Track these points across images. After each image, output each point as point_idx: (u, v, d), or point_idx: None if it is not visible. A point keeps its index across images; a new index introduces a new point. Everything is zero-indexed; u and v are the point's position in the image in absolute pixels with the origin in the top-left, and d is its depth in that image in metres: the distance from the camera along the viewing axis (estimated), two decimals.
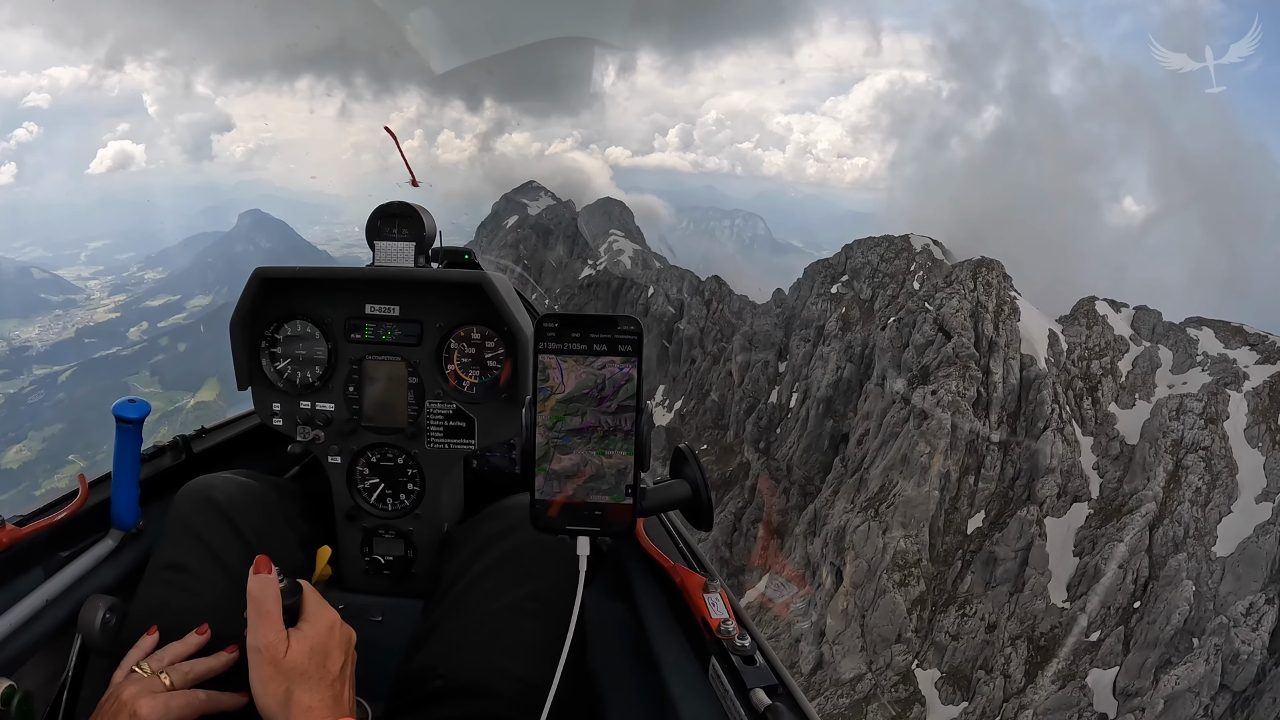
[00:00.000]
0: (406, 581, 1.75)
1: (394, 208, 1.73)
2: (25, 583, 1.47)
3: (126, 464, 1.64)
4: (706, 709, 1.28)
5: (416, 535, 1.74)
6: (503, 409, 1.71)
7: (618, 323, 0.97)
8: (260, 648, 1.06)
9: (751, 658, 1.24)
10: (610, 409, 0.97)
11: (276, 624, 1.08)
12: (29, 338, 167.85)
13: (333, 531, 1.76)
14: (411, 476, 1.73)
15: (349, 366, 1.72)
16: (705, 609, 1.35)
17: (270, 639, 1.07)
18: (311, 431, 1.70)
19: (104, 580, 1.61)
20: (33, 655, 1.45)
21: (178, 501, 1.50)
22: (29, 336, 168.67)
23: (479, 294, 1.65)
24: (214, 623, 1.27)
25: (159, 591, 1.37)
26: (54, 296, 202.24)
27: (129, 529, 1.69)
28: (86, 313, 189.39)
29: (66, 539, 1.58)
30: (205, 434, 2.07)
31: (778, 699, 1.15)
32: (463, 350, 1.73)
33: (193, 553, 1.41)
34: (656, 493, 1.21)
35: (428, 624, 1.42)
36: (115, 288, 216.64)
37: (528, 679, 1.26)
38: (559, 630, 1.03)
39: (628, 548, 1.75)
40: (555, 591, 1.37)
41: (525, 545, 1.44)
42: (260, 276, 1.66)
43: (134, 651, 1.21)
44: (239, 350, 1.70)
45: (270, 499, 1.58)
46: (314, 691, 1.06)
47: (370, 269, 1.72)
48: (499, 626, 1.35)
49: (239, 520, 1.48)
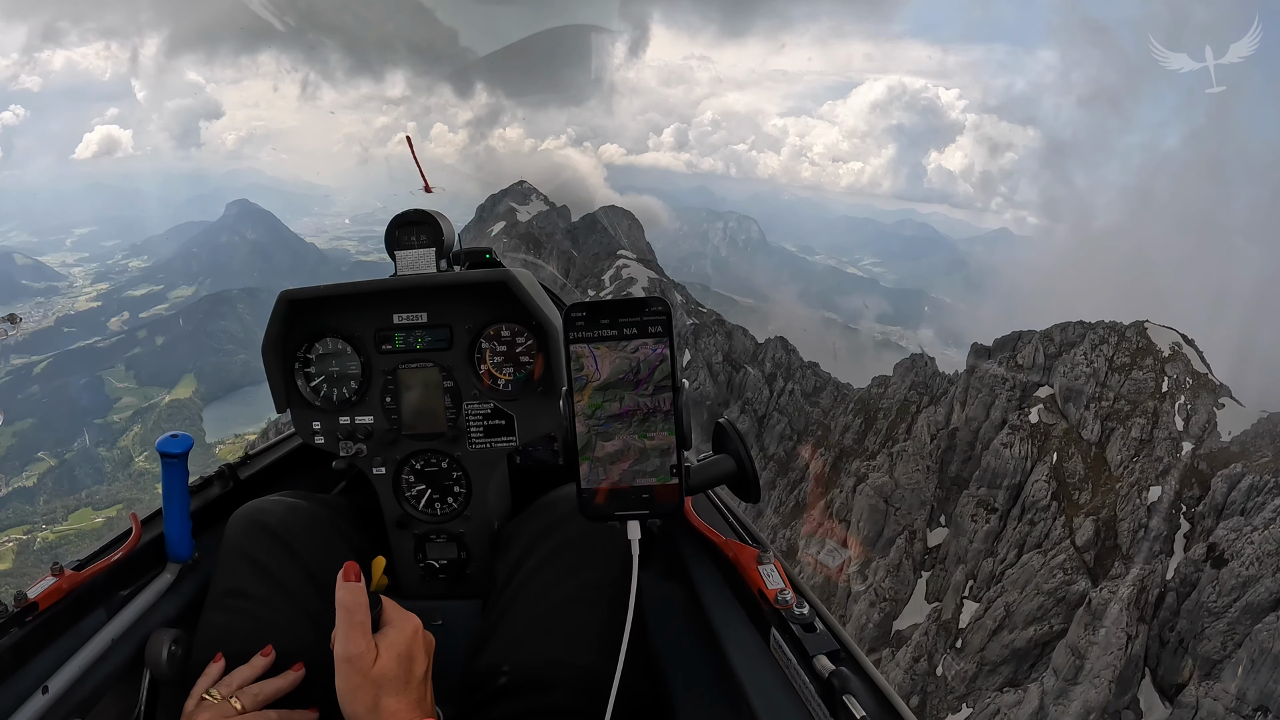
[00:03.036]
0: (462, 583, 1.79)
1: (411, 216, 1.74)
2: (90, 624, 1.49)
3: (176, 497, 1.65)
4: (771, 680, 1.27)
5: (468, 537, 1.77)
6: (540, 403, 1.72)
7: (646, 304, 0.97)
8: (351, 657, 1.06)
9: (811, 625, 1.24)
10: (648, 391, 0.97)
11: (367, 633, 1.08)
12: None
13: (385, 541, 1.79)
14: (457, 479, 1.76)
15: (384, 377, 1.75)
16: (761, 580, 1.35)
17: (361, 648, 1.06)
18: (354, 446, 1.72)
19: (166, 614, 1.63)
20: (104, 695, 1.47)
21: (230, 529, 1.54)
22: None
23: (504, 292, 1.67)
24: (277, 643, 1.33)
25: (221, 619, 1.41)
26: (36, 283, 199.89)
27: (185, 561, 1.70)
28: (68, 301, 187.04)
29: (125, 578, 1.60)
30: (250, 460, 2.08)
31: (841, 664, 1.14)
32: (494, 349, 1.74)
33: (250, 577, 1.45)
34: (701, 470, 1.22)
35: (488, 623, 1.44)
36: (99, 275, 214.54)
37: (592, 668, 1.28)
38: (618, 616, 1.04)
39: (678, 528, 1.75)
40: (610, 578, 1.39)
41: (576, 536, 1.46)
42: (287, 299, 1.69)
43: (202, 680, 1.27)
44: (274, 374, 1.73)
45: (321, 516, 1.62)
46: (400, 696, 1.08)
47: (394, 279, 1.73)
48: (559, 618, 1.37)
49: (292, 541, 1.51)
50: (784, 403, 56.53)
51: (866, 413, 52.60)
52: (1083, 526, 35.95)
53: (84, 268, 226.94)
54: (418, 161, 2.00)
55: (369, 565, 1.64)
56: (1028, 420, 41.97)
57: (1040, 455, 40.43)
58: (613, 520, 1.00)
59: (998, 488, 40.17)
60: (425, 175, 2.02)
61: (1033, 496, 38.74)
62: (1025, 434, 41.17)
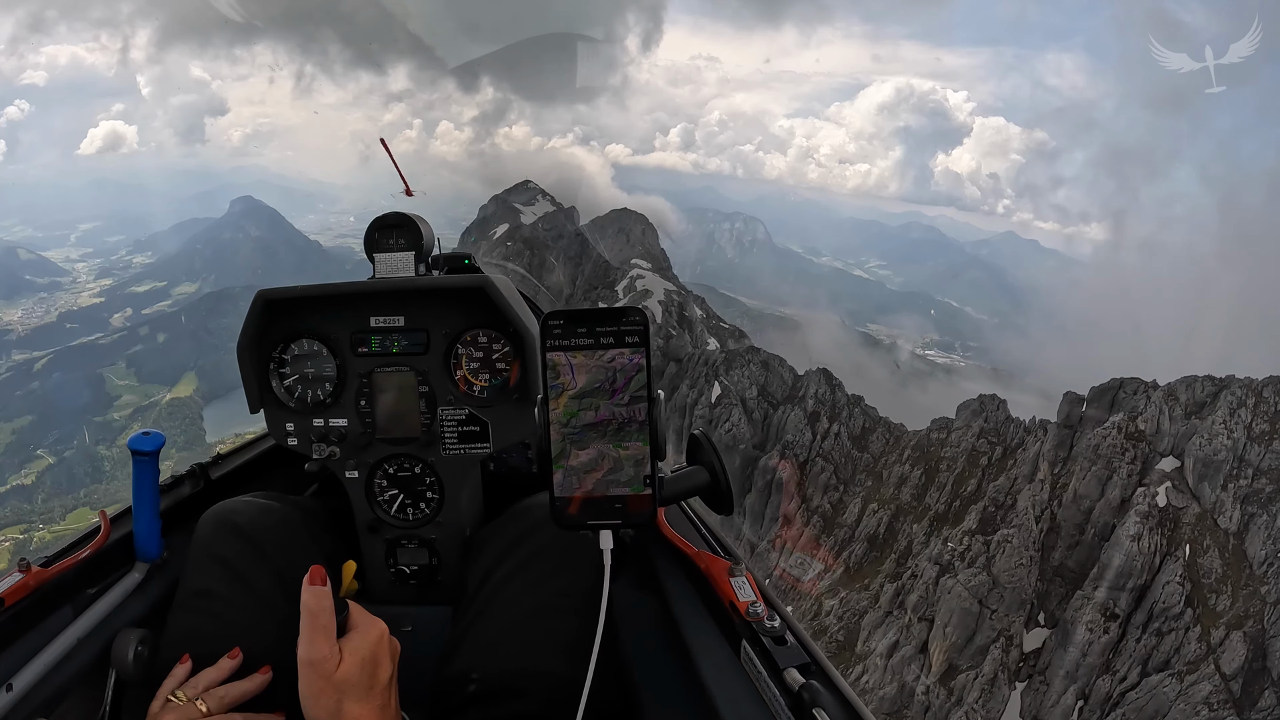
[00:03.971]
0: (433, 589, 1.79)
1: (390, 219, 1.74)
2: (56, 622, 1.48)
3: (146, 496, 1.64)
4: (742, 692, 1.27)
5: (439, 543, 1.77)
6: (515, 410, 1.73)
7: (623, 314, 0.97)
8: (314, 661, 1.05)
9: (782, 638, 1.24)
10: (623, 401, 0.97)
11: (330, 637, 1.07)
12: (10, 321, 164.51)
13: (356, 546, 1.78)
14: (430, 485, 1.76)
15: (359, 380, 1.74)
16: (732, 592, 1.35)
17: (324, 652, 1.05)
18: (327, 448, 1.71)
19: (133, 613, 1.62)
20: (69, 694, 1.45)
21: (200, 529, 1.53)
22: (10, 320, 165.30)
23: (482, 297, 1.67)
24: (245, 645, 1.32)
25: (188, 620, 1.40)
26: (39, 279, 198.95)
27: (154, 560, 1.69)
28: (71, 296, 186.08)
29: (93, 576, 1.59)
30: (222, 460, 2.06)
31: (812, 677, 1.15)
32: (471, 355, 1.75)
33: (219, 578, 1.44)
34: (675, 481, 1.23)
35: (459, 630, 1.44)
36: (102, 271, 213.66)
37: (562, 676, 1.29)
38: (589, 626, 1.04)
39: (651, 538, 1.75)
40: (582, 587, 1.39)
41: (548, 544, 1.46)
42: (263, 299, 1.68)
43: (168, 681, 1.26)
44: (248, 373, 1.72)
45: (292, 518, 1.60)
46: (363, 702, 1.07)
47: (372, 281, 1.73)
48: (530, 627, 1.37)
49: (262, 542, 1.50)
50: (828, 447, 49.09)
51: (926, 462, 44.81)
52: (1230, 648, 29.23)
53: (87, 263, 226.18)
54: (396, 165, 1.99)
55: (339, 569, 1.64)
56: (1155, 503, 34.10)
57: (1170, 548, 33.00)
58: (585, 529, 1.00)
59: (1121, 589, 32.70)
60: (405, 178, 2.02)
61: (1163, 602, 31.48)
62: (1155, 521, 33.49)
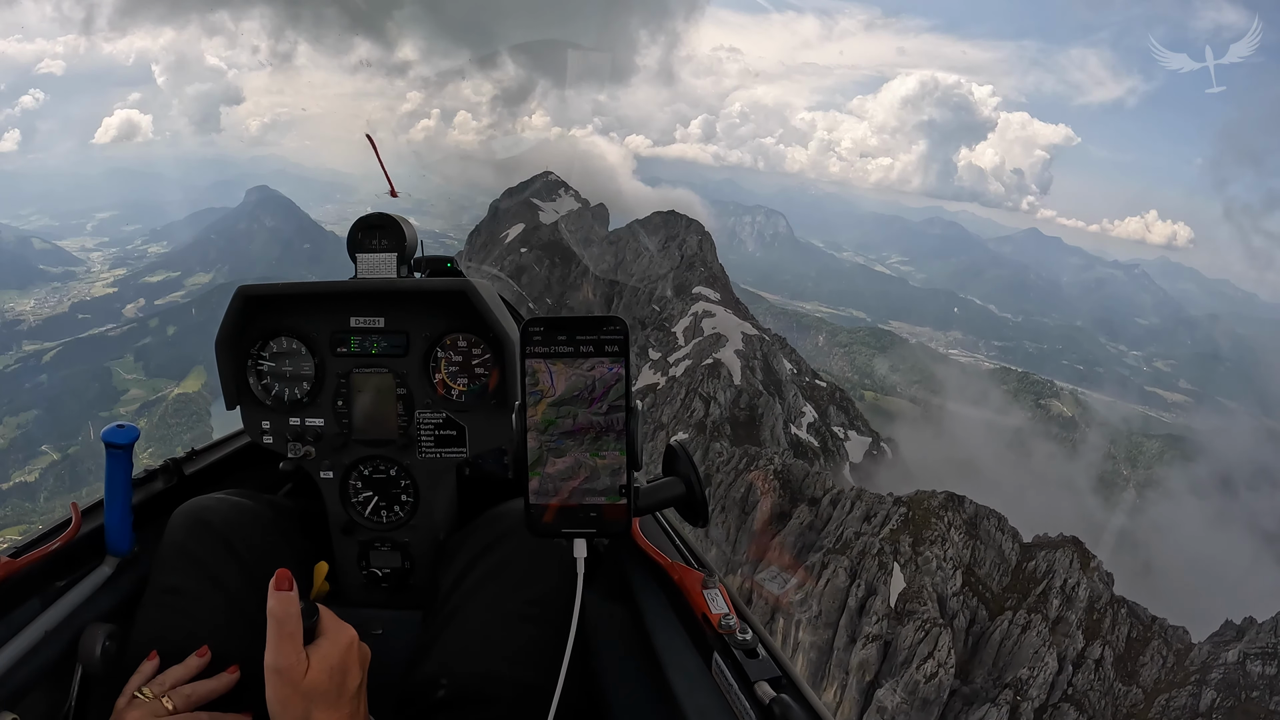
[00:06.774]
0: (405, 593, 1.78)
1: (374, 219, 1.74)
2: (22, 614, 1.47)
3: (118, 490, 1.62)
4: (712, 704, 1.26)
5: (412, 546, 1.76)
6: (493, 415, 1.72)
7: (604, 323, 0.98)
8: (281, 668, 1.03)
9: (754, 651, 1.24)
10: (601, 410, 0.97)
11: (297, 644, 1.05)
12: (22, 311, 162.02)
13: (329, 547, 1.77)
14: (405, 488, 1.75)
15: (337, 380, 1.73)
16: (705, 605, 1.35)
17: (291, 660, 1.03)
18: (302, 448, 1.71)
19: (102, 608, 1.59)
20: (35, 687, 1.43)
21: (172, 525, 1.52)
22: (23, 309, 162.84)
23: (463, 301, 1.67)
24: (214, 644, 1.31)
25: (157, 616, 1.39)
26: (53, 268, 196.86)
27: (124, 555, 1.66)
28: (84, 286, 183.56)
29: (62, 568, 1.57)
30: (196, 455, 2.05)
31: (783, 690, 1.15)
32: (450, 359, 1.74)
33: (190, 575, 1.43)
34: (651, 492, 1.26)
35: (429, 634, 1.43)
36: (117, 260, 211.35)
37: (531, 684, 1.28)
38: (560, 634, 1.04)
39: (625, 548, 1.73)
40: (554, 596, 1.39)
41: (522, 551, 1.45)
42: (243, 295, 1.67)
43: (135, 678, 1.25)
44: (226, 370, 1.71)
45: (265, 517, 1.59)
46: (332, 710, 1.05)
47: (353, 281, 1.74)
48: (500, 634, 1.36)
49: (234, 540, 1.49)
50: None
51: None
52: None
53: (103, 252, 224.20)
54: (382, 164, 1.96)
55: (311, 570, 1.64)
56: None
57: None
58: (559, 537, 0.99)
59: None
60: (390, 179, 1.98)
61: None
62: None
